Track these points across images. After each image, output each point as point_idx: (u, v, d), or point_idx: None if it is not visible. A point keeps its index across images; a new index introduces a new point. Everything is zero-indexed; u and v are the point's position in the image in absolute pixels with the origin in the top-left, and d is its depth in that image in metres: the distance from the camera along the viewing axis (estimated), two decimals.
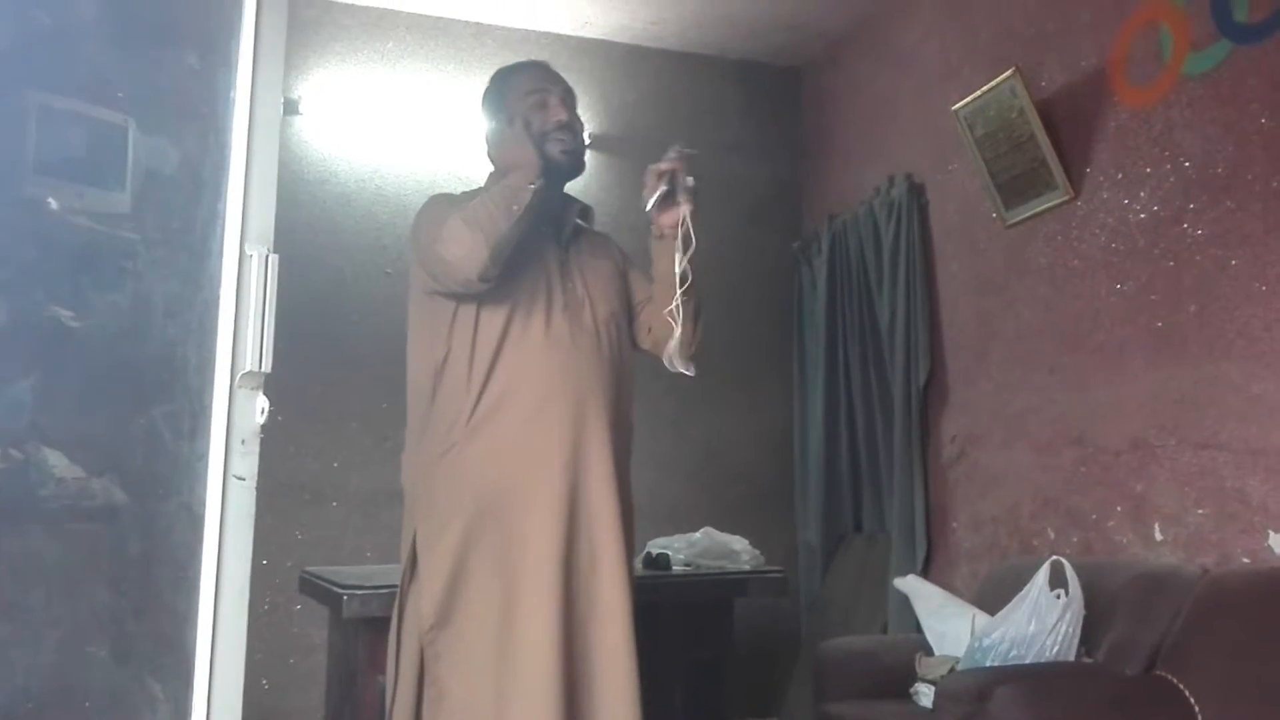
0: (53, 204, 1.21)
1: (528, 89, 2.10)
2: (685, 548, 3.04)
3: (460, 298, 2.01)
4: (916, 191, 3.92)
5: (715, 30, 4.50)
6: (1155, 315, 2.91)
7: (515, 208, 1.92)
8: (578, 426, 1.98)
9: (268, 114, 1.10)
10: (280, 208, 1.19)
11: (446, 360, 2.02)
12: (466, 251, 1.93)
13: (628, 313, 2.20)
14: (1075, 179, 3.19)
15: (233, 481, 1.05)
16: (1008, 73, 3.23)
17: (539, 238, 2.06)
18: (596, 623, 1.95)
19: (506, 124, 2.04)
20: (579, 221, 2.20)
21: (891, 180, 4.04)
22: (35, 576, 1.09)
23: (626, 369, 2.14)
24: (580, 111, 2.22)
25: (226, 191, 1.08)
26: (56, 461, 1.19)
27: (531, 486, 1.96)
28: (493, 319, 2.00)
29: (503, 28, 4.28)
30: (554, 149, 2.05)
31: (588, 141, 2.19)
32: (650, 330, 2.19)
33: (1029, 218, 3.36)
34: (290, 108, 3.99)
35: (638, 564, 2.91)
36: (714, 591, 2.94)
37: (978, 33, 3.69)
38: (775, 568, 3.12)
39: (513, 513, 1.95)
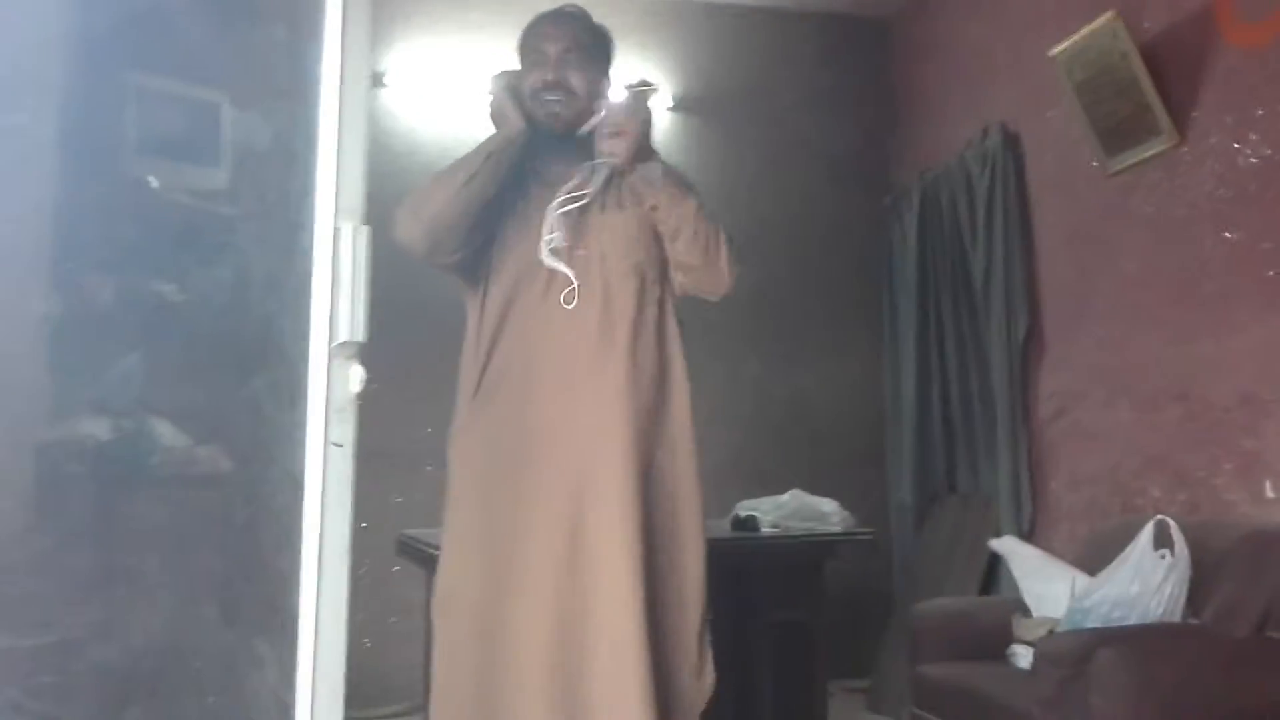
0: (153, 182, 1.25)
1: (531, 44, 2.01)
2: (773, 509, 3.02)
3: (469, 277, 1.98)
4: (1011, 141, 3.80)
5: None
6: (1266, 264, 2.78)
7: (462, 175, 1.86)
8: (576, 401, 1.88)
9: (355, 87, 1.11)
10: (369, 180, 1.21)
11: (469, 337, 2.00)
12: (405, 234, 1.91)
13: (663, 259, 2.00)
14: (1181, 124, 3.04)
15: (331, 448, 1.08)
16: (1108, 14, 3.09)
17: (546, 204, 1.95)
18: (597, 613, 1.82)
19: (502, 86, 1.95)
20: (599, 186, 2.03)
21: (985, 131, 3.91)
22: (149, 541, 1.14)
23: (658, 320, 1.97)
24: (658, 73, 2.12)
25: (317, 165, 1.09)
26: (164, 431, 1.24)
27: (526, 472, 1.88)
28: (496, 295, 1.94)
29: None
30: (539, 110, 1.93)
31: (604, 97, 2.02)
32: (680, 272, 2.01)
33: (1132, 165, 3.23)
34: (375, 80, 4.04)
35: (725, 526, 2.91)
36: (803, 554, 2.92)
37: None
38: (866, 529, 3.08)
39: (509, 497, 1.88)
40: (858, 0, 4.58)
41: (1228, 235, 2.90)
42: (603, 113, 1.93)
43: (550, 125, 1.95)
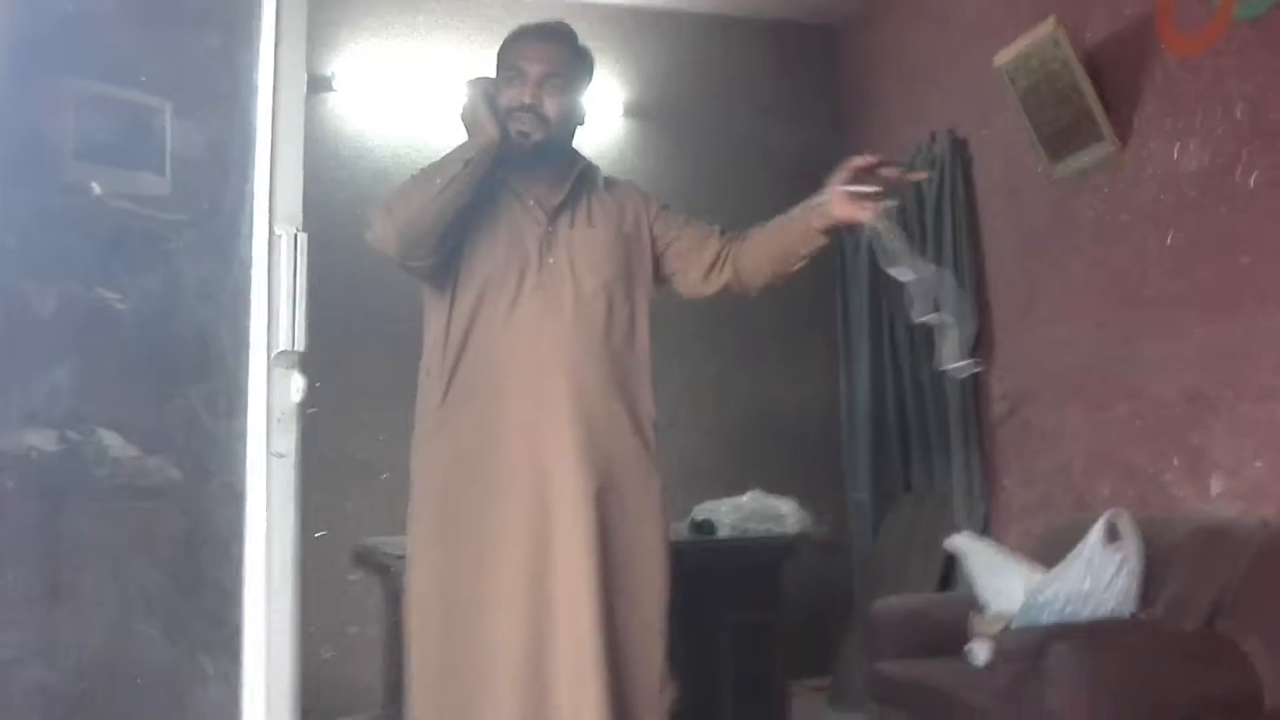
0: (97, 189, 1.23)
1: (510, 61, 2.01)
2: (731, 511, 3.03)
3: (436, 283, 1.99)
4: (959, 147, 3.85)
5: None
6: (1207, 267, 2.84)
7: (439, 181, 1.87)
8: (542, 411, 1.91)
9: (292, 93, 1.10)
10: (317, 185, 1.20)
11: (432, 345, 2.01)
12: (379, 236, 1.92)
13: (636, 274, 2.08)
14: (1122, 131, 3.10)
15: (273, 459, 1.07)
16: (1049, 23, 3.14)
17: (516, 214, 2.00)
18: (558, 620, 1.85)
19: (479, 93, 1.93)
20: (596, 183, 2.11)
21: (934, 137, 3.96)
22: (88, 556, 1.12)
23: (626, 337, 2.02)
24: (613, 79, 2.15)
25: (254, 172, 1.08)
26: (112, 441, 1.21)
27: (492, 479, 1.90)
28: (463, 304, 1.95)
29: None
30: (511, 128, 1.94)
31: (581, 120, 2.08)
32: (719, 271, 2.10)
33: (1076, 171, 3.28)
34: (323, 84, 4.01)
35: (683, 529, 2.91)
36: (761, 555, 2.94)
37: None
38: (823, 529, 3.11)
39: (473, 507, 1.90)
40: (807, 8, 4.61)
41: (1169, 239, 2.96)
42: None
43: (519, 143, 1.96)
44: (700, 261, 2.12)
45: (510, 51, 2.03)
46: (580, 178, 2.07)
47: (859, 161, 1.98)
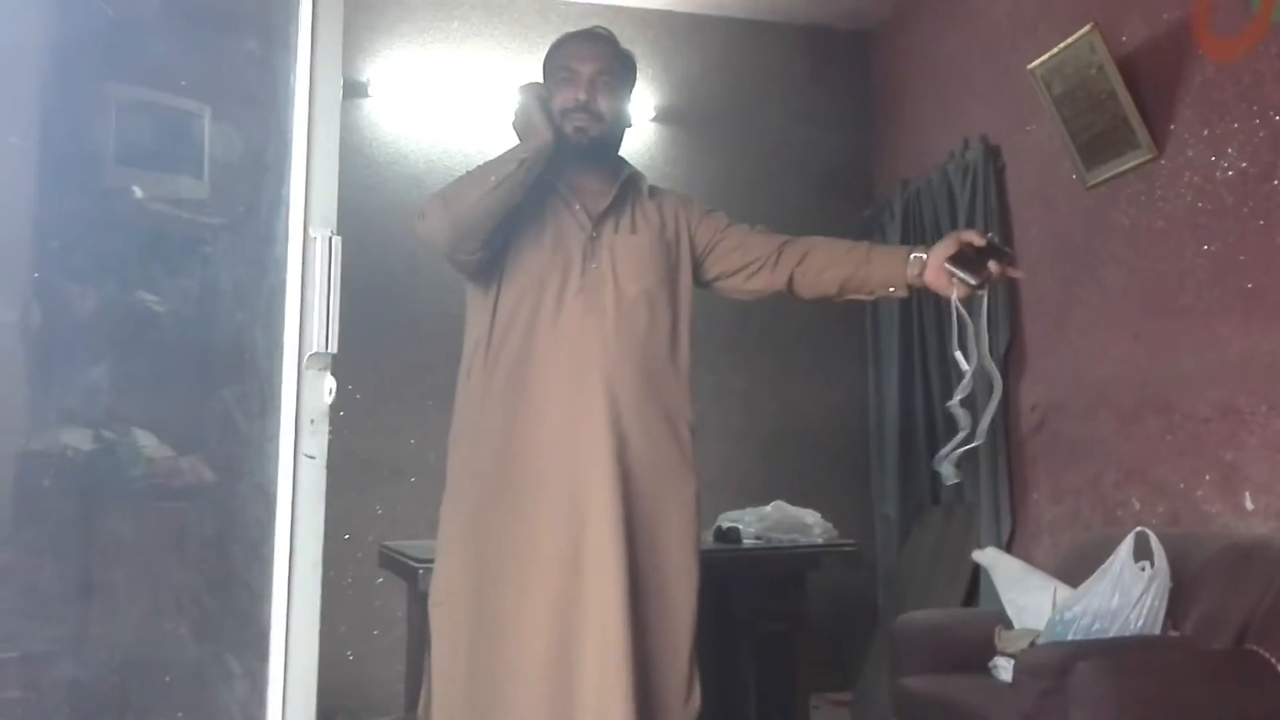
0: (137, 192, 1.25)
1: (561, 63, 2.04)
2: (756, 521, 3.03)
3: (481, 281, 2.01)
4: (992, 154, 3.82)
5: None
6: (1245, 277, 2.80)
7: (494, 178, 1.89)
8: (579, 413, 1.92)
9: (327, 97, 1.11)
10: (352, 191, 1.21)
11: (474, 345, 2.02)
12: (432, 227, 1.94)
13: (679, 281, 2.09)
14: (1159, 137, 3.07)
15: (303, 460, 1.08)
16: (1086, 28, 3.11)
17: (562, 217, 2.02)
18: (588, 620, 1.86)
19: (533, 97, 1.95)
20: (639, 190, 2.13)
21: (966, 143, 3.94)
22: (121, 554, 1.13)
23: (666, 344, 2.03)
24: (644, 84, 2.16)
25: (289, 176, 1.10)
26: (147, 441, 1.23)
27: (527, 480, 1.91)
28: (507, 306, 1.98)
29: (566, 2, 4.27)
30: (567, 126, 1.97)
31: (629, 122, 2.12)
32: (770, 270, 2.11)
33: (1111, 178, 3.25)
34: (359, 90, 4.05)
35: (708, 538, 2.91)
36: (786, 565, 2.92)
37: None
38: (848, 541, 3.09)
39: (508, 507, 1.91)
40: (840, 13, 4.60)
41: (1207, 248, 2.92)
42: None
43: (576, 141, 1.99)
44: (746, 261, 2.13)
45: (559, 55, 2.07)
46: (626, 185, 2.09)
47: (971, 237, 1.98)
